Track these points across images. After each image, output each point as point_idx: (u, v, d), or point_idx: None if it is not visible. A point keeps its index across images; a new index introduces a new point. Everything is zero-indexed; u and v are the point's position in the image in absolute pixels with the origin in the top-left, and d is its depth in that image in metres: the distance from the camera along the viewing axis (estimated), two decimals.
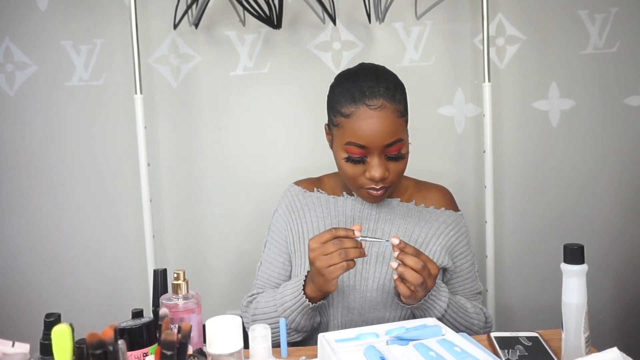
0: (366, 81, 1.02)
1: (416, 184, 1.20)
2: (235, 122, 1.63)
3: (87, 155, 1.62)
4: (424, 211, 1.15)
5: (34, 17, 1.58)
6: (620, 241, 1.70)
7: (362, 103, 1.00)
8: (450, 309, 1.02)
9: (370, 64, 1.09)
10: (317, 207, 1.16)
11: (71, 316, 0.77)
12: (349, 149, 1.02)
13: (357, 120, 1.00)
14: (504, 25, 1.62)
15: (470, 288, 1.15)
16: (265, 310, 1.06)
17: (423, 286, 0.92)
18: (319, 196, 1.18)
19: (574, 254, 0.81)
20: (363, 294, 1.07)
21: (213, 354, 0.68)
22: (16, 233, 1.64)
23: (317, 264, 0.92)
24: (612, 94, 1.66)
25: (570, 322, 0.81)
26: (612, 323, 1.73)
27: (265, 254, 1.19)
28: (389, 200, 1.15)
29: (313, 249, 0.93)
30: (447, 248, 1.12)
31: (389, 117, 1.00)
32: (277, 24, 1.48)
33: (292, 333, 1.04)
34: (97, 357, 0.54)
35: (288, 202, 1.19)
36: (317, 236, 0.94)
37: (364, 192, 1.06)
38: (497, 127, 1.62)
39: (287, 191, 1.21)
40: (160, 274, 0.86)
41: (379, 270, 1.08)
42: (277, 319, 1.03)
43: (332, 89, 1.09)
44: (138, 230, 1.59)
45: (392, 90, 1.02)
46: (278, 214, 1.20)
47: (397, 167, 1.04)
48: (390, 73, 1.07)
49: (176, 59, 1.61)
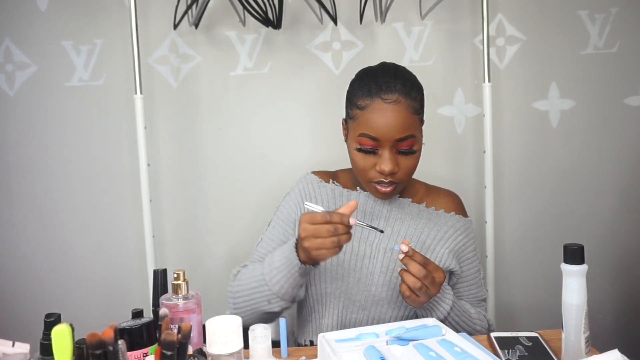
0: (384, 77, 1.04)
1: (427, 188, 1.20)
2: (235, 122, 1.63)
3: (87, 156, 1.62)
4: (434, 214, 1.15)
5: (34, 17, 1.58)
6: (620, 241, 1.70)
7: (378, 96, 1.01)
8: (453, 312, 1.02)
9: (392, 63, 1.11)
10: (330, 198, 1.16)
11: (71, 316, 0.77)
12: (361, 140, 1.03)
13: (371, 113, 1.01)
14: (504, 25, 1.62)
15: (475, 294, 1.15)
16: (250, 274, 1.06)
17: (423, 291, 0.93)
18: (333, 188, 1.18)
19: (574, 254, 0.81)
20: (368, 287, 1.07)
21: (213, 354, 0.68)
22: (16, 233, 1.64)
23: (306, 244, 0.93)
24: (612, 94, 1.66)
25: (570, 322, 0.82)
26: (612, 323, 1.72)
27: (269, 231, 1.18)
28: (401, 199, 1.15)
29: (305, 229, 0.93)
30: (454, 252, 1.12)
31: (403, 112, 1.01)
32: (277, 24, 1.48)
33: (273, 300, 1.02)
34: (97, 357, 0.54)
35: (302, 188, 1.19)
36: (310, 215, 0.94)
37: (372, 186, 1.06)
38: (497, 127, 1.62)
39: (304, 178, 1.21)
40: (160, 274, 0.86)
41: (385, 265, 1.08)
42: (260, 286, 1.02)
43: (352, 84, 1.10)
44: (138, 230, 1.59)
45: (409, 87, 1.03)
46: (290, 197, 1.19)
47: (408, 163, 1.04)
48: (409, 73, 1.09)
49: (176, 59, 1.61)
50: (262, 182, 1.64)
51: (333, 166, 1.26)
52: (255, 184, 1.64)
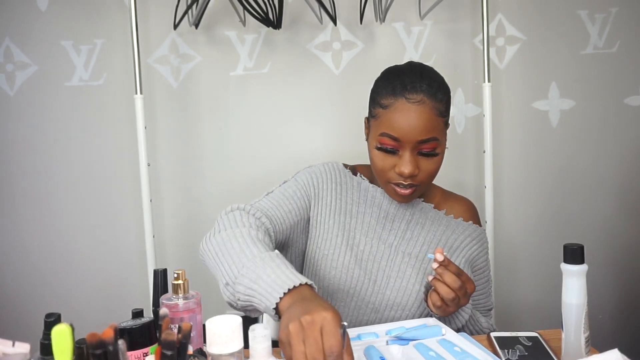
0: (410, 76, 1.00)
1: (443, 193, 1.17)
2: (235, 122, 1.63)
3: (87, 155, 1.62)
4: (452, 221, 1.12)
5: (34, 17, 1.58)
6: (620, 241, 1.70)
7: (402, 96, 0.98)
8: (469, 322, 1.02)
9: (419, 63, 1.08)
10: (355, 190, 1.12)
11: (71, 316, 0.77)
12: (382, 140, 0.99)
13: (394, 112, 0.98)
14: (504, 25, 1.62)
15: (483, 304, 1.14)
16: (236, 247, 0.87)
17: (455, 302, 0.91)
18: (359, 181, 1.13)
19: (574, 254, 0.81)
20: (383, 291, 1.04)
21: (213, 354, 0.68)
22: (16, 233, 1.64)
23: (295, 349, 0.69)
24: (612, 94, 1.66)
25: (570, 322, 0.81)
26: (612, 323, 1.72)
27: (279, 191, 1.06)
28: (423, 203, 1.12)
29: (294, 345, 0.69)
30: (470, 262, 1.11)
31: (427, 113, 0.97)
32: (277, 24, 1.48)
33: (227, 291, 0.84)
34: (97, 357, 0.54)
35: (329, 169, 1.12)
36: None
37: (390, 187, 1.02)
38: (497, 127, 1.62)
39: (332, 163, 1.14)
40: (160, 274, 0.85)
41: (403, 270, 1.05)
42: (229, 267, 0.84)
43: (377, 82, 1.07)
44: (138, 230, 1.59)
45: (435, 88, 0.99)
46: (312, 171, 1.11)
47: (429, 166, 1.00)
48: (437, 74, 1.05)
49: (176, 59, 1.61)
50: (262, 181, 1.64)
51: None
52: (255, 184, 1.64)
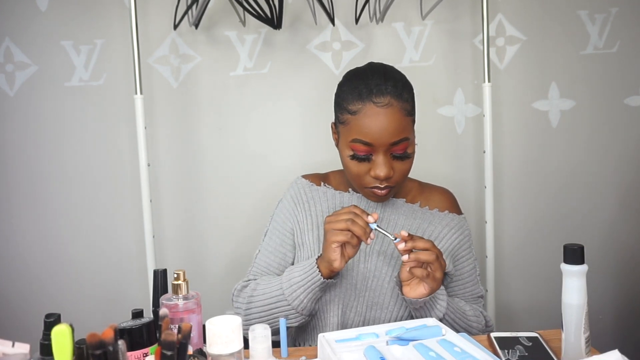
0: (374, 79, 1.02)
1: (420, 186, 1.19)
2: (235, 122, 1.63)
3: (87, 156, 1.62)
4: (427, 213, 1.14)
5: (34, 17, 1.58)
6: (620, 241, 1.70)
7: (369, 100, 1.00)
8: (449, 310, 1.02)
9: (379, 63, 1.09)
10: (322, 201, 1.16)
11: (71, 316, 0.77)
12: (354, 146, 1.01)
13: (363, 117, 1.00)
14: (504, 25, 1.62)
15: (471, 292, 1.15)
16: (266, 290, 1.04)
17: (438, 262, 0.93)
18: (325, 190, 1.17)
19: (574, 254, 0.81)
20: (363, 293, 1.07)
21: (213, 354, 0.68)
22: (16, 233, 1.64)
23: (327, 236, 0.96)
24: (612, 94, 1.66)
25: (570, 323, 0.81)
26: (612, 323, 1.72)
27: (266, 242, 1.17)
28: (394, 200, 1.14)
29: (328, 221, 0.97)
30: (450, 252, 1.12)
31: (396, 114, 1.00)
32: (277, 24, 1.48)
33: (292, 315, 1.02)
34: (97, 357, 0.54)
35: (294, 193, 1.18)
36: (335, 212, 0.98)
37: (368, 191, 1.05)
38: (497, 127, 1.62)
39: (294, 183, 1.20)
40: (160, 274, 0.86)
41: (379, 268, 1.07)
42: (278, 302, 1.02)
43: (340, 87, 1.08)
44: (138, 231, 1.59)
45: (400, 88, 1.01)
46: (283, 205, 1.19)
47: (403, 166, 1.03)
48: (398, 72, 1.07)
49: (176, 59, 1.61)
50: (262, 181, 1.64)
51: (334, 165, 1.26)
52: (255, 184, 1.64)
